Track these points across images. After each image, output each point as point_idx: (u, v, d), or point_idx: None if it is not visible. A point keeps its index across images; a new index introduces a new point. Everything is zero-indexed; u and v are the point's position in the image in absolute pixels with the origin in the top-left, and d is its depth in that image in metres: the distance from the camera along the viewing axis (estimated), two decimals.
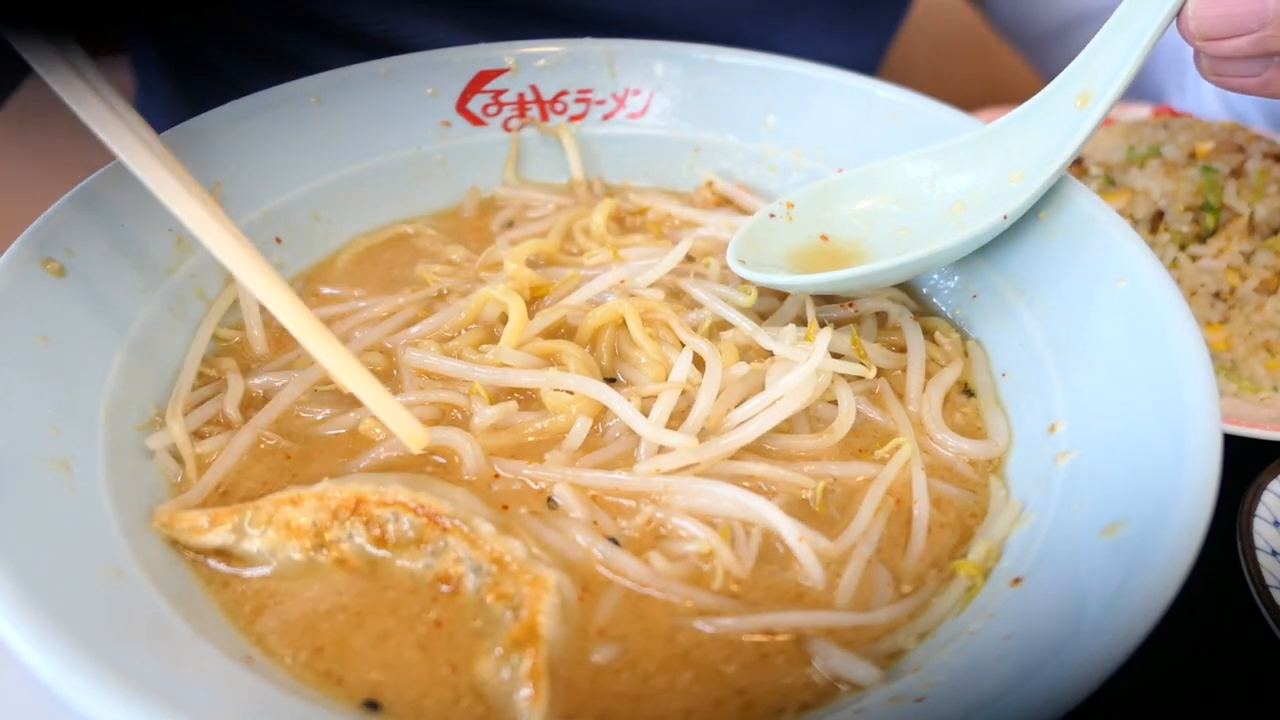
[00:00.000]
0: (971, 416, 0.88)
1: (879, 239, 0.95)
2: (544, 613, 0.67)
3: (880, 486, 0.79)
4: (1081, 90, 0.86)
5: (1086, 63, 0.86)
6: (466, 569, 0.70)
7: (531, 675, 0.64)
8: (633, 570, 0.73)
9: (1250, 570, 0.88)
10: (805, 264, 0.92)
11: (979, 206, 0.91)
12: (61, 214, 0.82)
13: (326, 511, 0.72)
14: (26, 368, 0.73)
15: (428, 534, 0.71)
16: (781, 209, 0.97)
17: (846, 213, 0.97)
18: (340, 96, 1.03)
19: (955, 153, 0.94)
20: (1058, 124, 0.87)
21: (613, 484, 0.78)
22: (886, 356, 0.90)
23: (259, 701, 0.62)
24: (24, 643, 0.55)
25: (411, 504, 0.72)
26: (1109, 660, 0.56)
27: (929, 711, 0.61)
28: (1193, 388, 0.70)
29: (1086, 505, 0.71)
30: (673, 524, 0.76)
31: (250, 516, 0.73)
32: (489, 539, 0.71)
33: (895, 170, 0.96)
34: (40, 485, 0.68)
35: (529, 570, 0.69)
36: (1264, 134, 1.26)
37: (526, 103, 1.11)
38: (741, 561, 0.73)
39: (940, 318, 0.97)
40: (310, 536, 0.72)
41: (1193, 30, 0.76)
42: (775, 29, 1.48)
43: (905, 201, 0.95)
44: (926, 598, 0.73)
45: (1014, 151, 0.90)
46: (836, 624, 0.71)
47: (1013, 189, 0.89)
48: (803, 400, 0.81)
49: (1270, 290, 1.15)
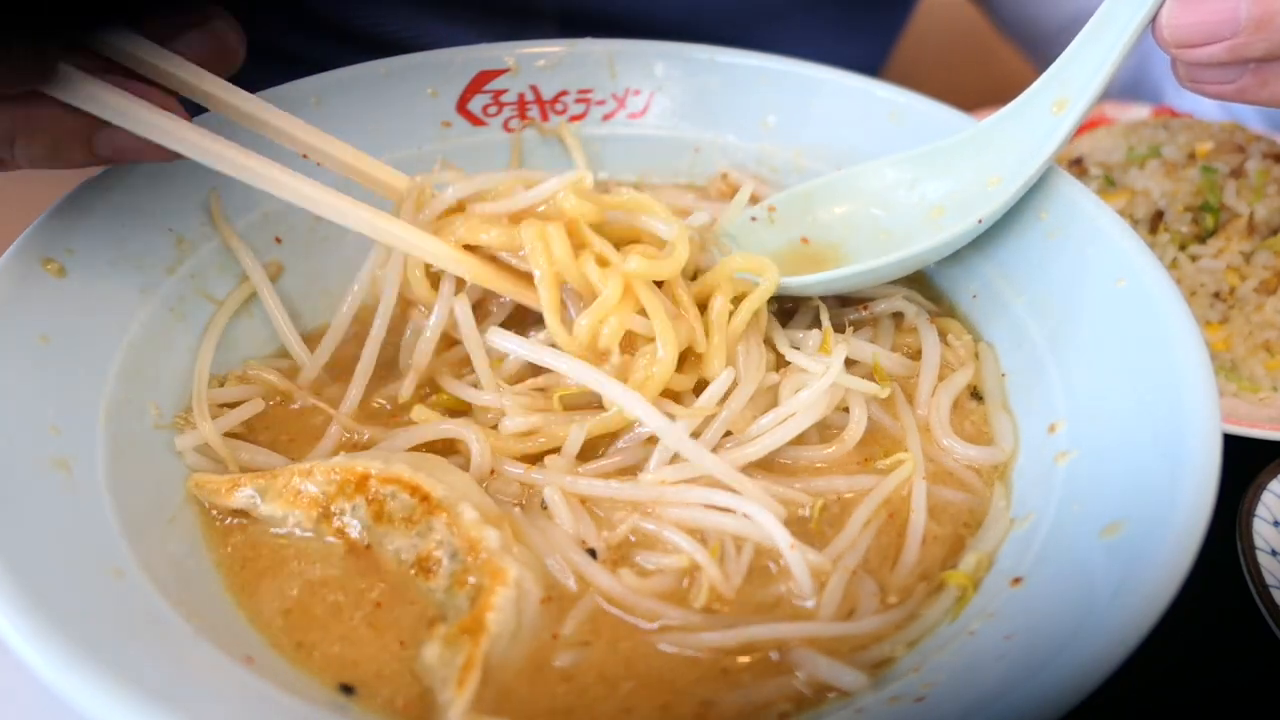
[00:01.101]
0: (980, 423, 0.88)
1: (859, 242, 0.95)
2: (495, 607, 0.67)
3: (874, 500, 0.79)
4: (1058, 96, 0.86)
5: (1062, 69, 0.86)
6: (444, 553, 0.71)
7: (465, 665, 0.64)
8: (604, 583, 0.73)
9: (1250, 570, 0.88)
10: (785, 267, 0.92)
11: (957, 210, 0.91)
12: (61, 214, 0.82)
13: (334, 484, 0.75)
14: (26, 368, 0.73)
15: (418, 514, 0.73)
16: (763, 212, 0.98)
17: (827, 217, 0.98)
18: (340, 96, 1.03)
19: (934, 157, 0.94)
20: (1035, 128, 0.87)
21: (609, 492, 0.78)
22: (902, 364, 0.90)
23: (259, 701, 0.62)
24: (24, 643, 0.55)
25: (410, 481, 0.74)
26: (1109, 660, 0.56)
27: (929, 711, 0.61)
28: (1193, 388, 0.70)
29: (1086, 505, 0.71)
30: (659, 536, 0.76)
31: (266, 484, 0.77)
32: (469, 525, 0.72)
33: (875, 174, 0.97)
34: (40, 485, 0.68)
35: (494, 561, 0.70)
36: (1263, 134, 1.26)
37: (527, 103, 1.11)
38: (729, 579, 0.73)
39: (954, 319, 0.97)
40: (318, 506, 0.75)
41: (1167, 38, 0.77)
42: (777, 31, 1.48)
43: (885, 205, 0.96)
44: (914, 608, 0.73)
45: (992, 156, 0.91)
46: (819, 634, 0.71)
47: (990, 193, 0.89)
48: (816, 416, 0.81)
49: (1270, 290, 1.15)
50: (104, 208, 0.85)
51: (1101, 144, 1.28)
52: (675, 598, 0.73)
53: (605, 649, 0.70)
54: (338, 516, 0.75)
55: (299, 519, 0.76)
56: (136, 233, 0.87)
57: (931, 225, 0.92)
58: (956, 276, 0.98)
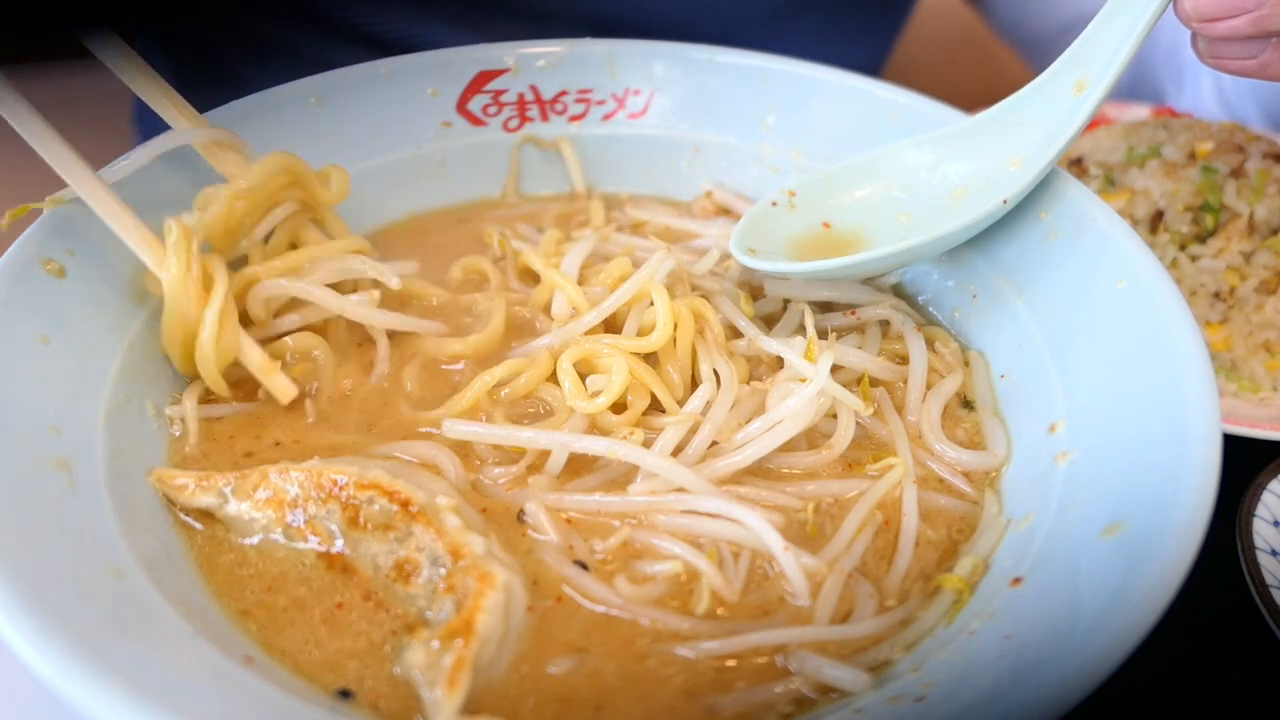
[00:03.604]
0: (972, 432, 0.88)
1: (880, 226, 0.94)
2: (485, 610, 0.67)
3: (867, 503, 0.79)
4: (1079, 76, 0.85)
5: (1082, 48, 0.85)
6: (424, 559, 0.71)
7: (455, 666, 0.64)
8: (598, 593, 0.73)
9: (1250, 570, 0.88)
10: (806, 252, 0.92)
11: (979, 192, 0.90)
12: (61, 214, 0.82)
13: (309, 487, 0.74)
14: (26, 368, 0.73)
15: (396, 521, 0.72)
16: (784, 197, 0.97)
17: (847, 200, 0.97)
18: (340, 96, 1.03)
19: (955, 139, 0.94)
20: (1056, 109, 0.87)
21: (595, 506, 0.78)
22: (889, 369, 0.89)
23: (259, 701, 0.62)
24: (24, 643, 0.55)
25: (388, 488, 0.73)
26: (1109, 660, 0.56)
27: (929, 711, 0.61)
28: (1192, 388, 0.70)
29: (1086, 505, 0.71)
30: (652, 544, 0.76)
31: (236, 484, 0.75)
32: (452, 530, 0.71)
33: (896, 157, 0.96)
34: (40, 485, 0.68)
35: (480, 566, 0.69)
36: (1264, 134, 1.26)
37: (526, 103, 1.11)
38: (730, 585, 0.73)
39: (940, 328, 0.97)
40: (289, 509, 0.74)
41: (1189, 11, 0.76)
42: (776, 33, 1.48)
43: (906, 188, 0.95)
44: (912, 611, 0.73)
45: (1013, 137, 0.90)
46: (816, 638, 0.70)
47: (1013, 173, 0.89)
48: (803, 424, 0.81)
49: (1270, 290, 1.15)
50: None
51: (1101, 144, 1.28)
52: (674, 604, 0.73)
53: (603, 657, 0.70)
54: (310, 521, 0.74)
55: (268, 521, 0.74)
56: None
57: (955, 207, 0.91)
58: (956, 276, 0.98)
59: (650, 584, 0.73)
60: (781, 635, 0.70)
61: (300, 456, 0.81)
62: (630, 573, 0.74)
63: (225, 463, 0.82)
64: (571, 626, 0.71)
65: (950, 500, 0.81)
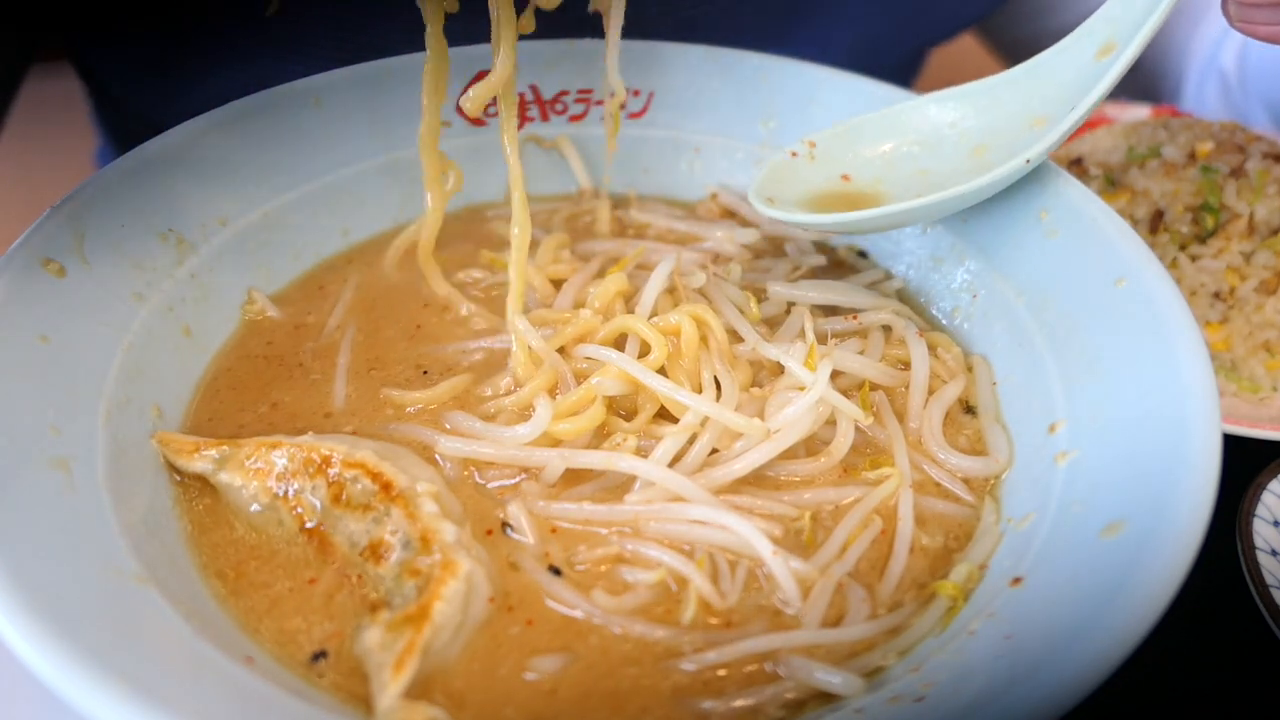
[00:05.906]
0: (974, 438, 0.87)
1: (899, 181, 0.93)
2: (444, 598, 0.67)
3: (862, 510, 0.78)
4: (1106, 39, 0.84)
5: (1110, 7, 0.84)
6: (397, 541, 0.71)
7: (405, 650, 0.65)
8: (569, 599, 0.72)
9: (1250, 570, 0.88)
10: (825, 206, 0.90)
11: (1001, 149, 0.89)
12: (61, 214, 0.82)
13: (298, 460, 0.76)
14: (26, 368, 0.73)
15: (376, 501, 0.73)
16: (804, 148, 0.96)
17: (868, 154, 0.96)
18: (340, 96, 1.03)
19: (977, 96, 0.93)
20: (1080, 71, 0.86)
21: (583, 515, 0.77)
22: (890, 374, 0.89)
23: (259, 701, 0.62)
24: (24, 643, 0.55)
25: (373, 468, 0.74)
26: (1109, 659, 0.56)
27: (929, 711, 0.61)
28: (1193, 388, 0.70)
29: (1086, 505, 0.71)
30: (640, 553, 0.75)
31: (230, 452, 0.78)
32: (427, 516, 0.72)
33: (918, 112, 0.95)
34: (40, 485, 0.68)
35: (448, 554, 0.70)
36: (1264, 134, 1.26)
37: (527, 103, 1.11)
38: (725, 598, 0.72)
39: (943, 333, 0.96)
40: (278, 481, 0.76)
41: None
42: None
43: (926, 144, 0.94)
44: (905, 617, 0.73)
45: (1036, 97, 0.89)
46: (804, 642, 0.70)
47: (1036, 133, 0.88)
48: (802, 433, 0.80)
49: (1270, 290, 1.15)
50: (104, 208, 0.85)
51: (1101, 144, 1.28)
52: (660, 610, 0.72)
53: (583, 664, 0.69)
54: (296, 494, 0.75)
55: (255, 491, 0.76)
56: (136, 233, 0.87)
57: (975, 164, 0.90)
58: (956, 276, 0.98)
59: (630, 593, 0.73)
60: (769, 641, 0.70)
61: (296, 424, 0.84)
62: (610, 581, 0.74)
63: (225, 430, 0.84)
64: (550, 633, 0.71)
65: (949, 506, 0.81)
